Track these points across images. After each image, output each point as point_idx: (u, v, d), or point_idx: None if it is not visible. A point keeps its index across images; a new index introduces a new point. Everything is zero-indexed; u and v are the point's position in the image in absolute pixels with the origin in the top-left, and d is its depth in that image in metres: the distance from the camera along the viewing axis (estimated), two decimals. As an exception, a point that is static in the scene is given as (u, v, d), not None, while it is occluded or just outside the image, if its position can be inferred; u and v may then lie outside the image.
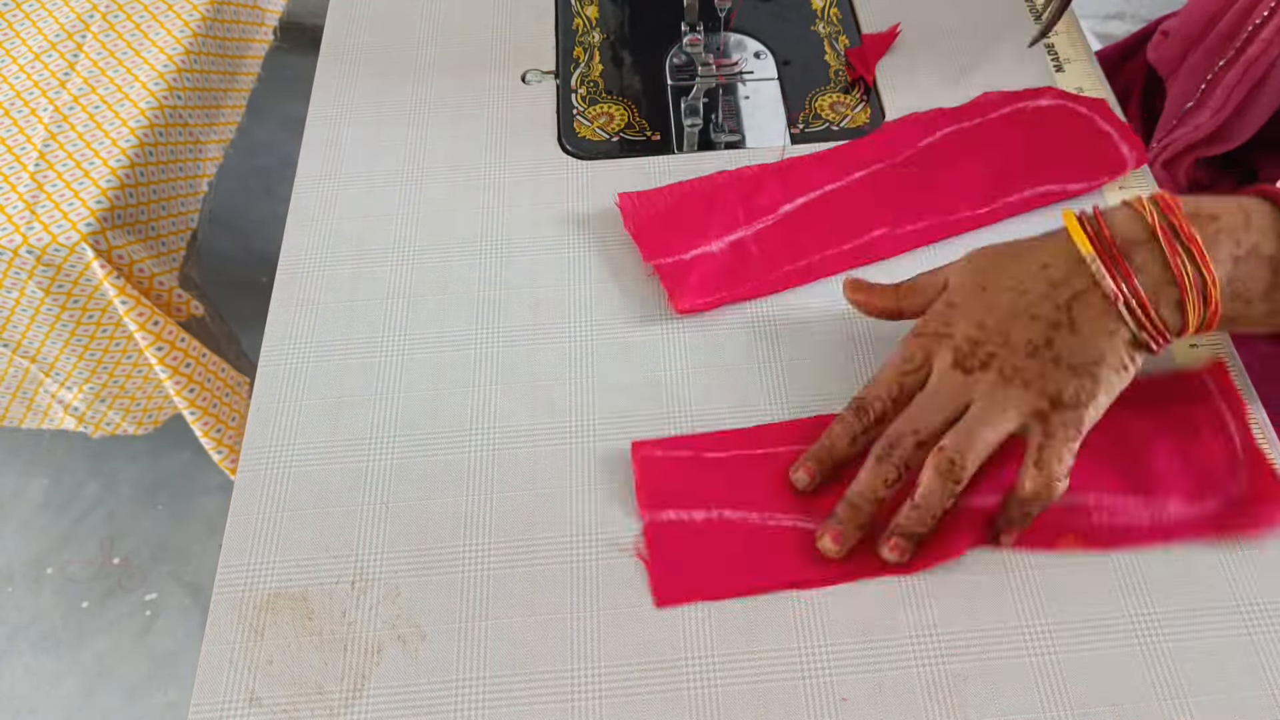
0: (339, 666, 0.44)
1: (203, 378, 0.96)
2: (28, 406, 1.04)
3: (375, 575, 0.47)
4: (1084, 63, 0.66)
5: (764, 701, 0.43)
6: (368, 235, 0.60)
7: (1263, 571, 0.45)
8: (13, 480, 1.35)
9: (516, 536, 0.48)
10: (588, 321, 0.55)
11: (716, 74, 0.68)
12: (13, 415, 1.05)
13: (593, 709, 0.43)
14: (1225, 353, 0.52)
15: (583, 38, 0.71)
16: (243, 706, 0.43)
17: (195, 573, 1.26)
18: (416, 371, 0.54)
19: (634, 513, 0.48)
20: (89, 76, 0.97)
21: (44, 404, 1.03)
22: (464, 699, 0.43)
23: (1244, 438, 0.48)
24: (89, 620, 1.23)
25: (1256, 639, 0.44)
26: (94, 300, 0.91)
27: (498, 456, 0.50)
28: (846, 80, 0.67)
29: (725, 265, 0.56)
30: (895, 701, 0.43)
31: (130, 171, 0.90)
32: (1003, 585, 0.45)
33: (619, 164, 0.63)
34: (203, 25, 1.03)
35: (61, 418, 1.04)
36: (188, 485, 1.33)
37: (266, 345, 0.55)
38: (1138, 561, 0.46)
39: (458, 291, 0.57)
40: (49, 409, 1.04)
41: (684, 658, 0.44)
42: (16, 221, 0.86)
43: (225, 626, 0.46)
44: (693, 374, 0.53)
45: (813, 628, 0.45)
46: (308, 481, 0.50)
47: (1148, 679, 0.43)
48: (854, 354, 0.53)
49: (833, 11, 0.72)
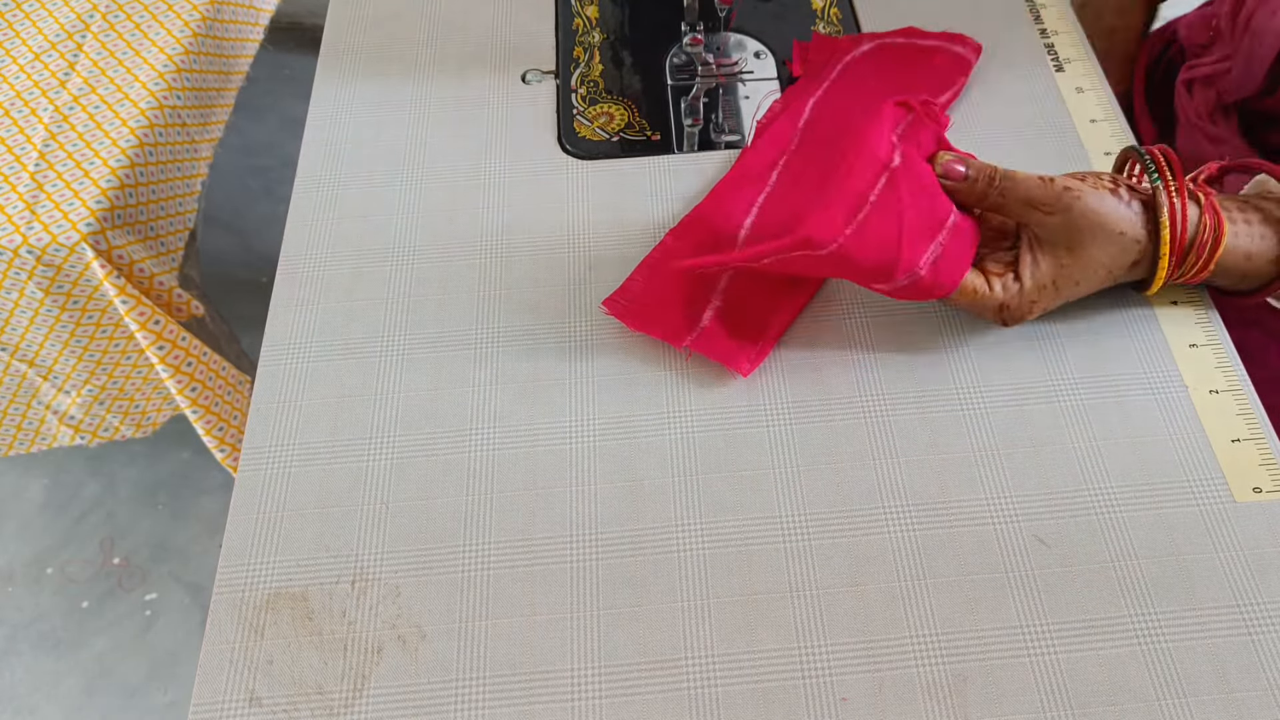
0: (339, 666, 0.44)
1: (204, 376, 0.96)
2: (19, 424, 1.03)
3: (375, 575, 0.47)
4: (1084, 62, 0.66)
5: (764, 701, 0.43)
6: (368, 235, 0.60)
7: (1263, 571, 0.45)
8: (13, 480, 1.35)
9: (516, 536, 0.48)
10: (587, 321, 0.55)
11: (716, 74, 0.68)
12: (4, 434, 1.03)
13: (593, 709, 0.43)
14: (1222, 344, 0.52)
15: (583, 38, 0.71)
16: (243, 706, 0.44)
17: (195, 573, 1.26)
18: (416, 371, 0.54)
19: (634, 513, 0.48)
20: (89, 76, 0.97)
21: (38, 417, 1.02)
22: (464, 699, 0.43)
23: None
24: (89, 620, 1.23)
25: (1256, 639, 0.44)
26: (94, 300, 0.91)
27: (498, 456, 0.50)
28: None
29: (739, 313, 0.55)
30: (895, 701, 0.43)
31: (130, 171, 0.90)
32: (1003, 585, 0.45)
33: (619, 164, 0.63)
34: (202, 25, 1.03)
35: (57, 431, 1.04)
36: (188, 485, 1.33)
37: (266, 345, 0.55)
38: (1138, 562, 0.46)
39: (458, 291, 0.57)
40: (43, 422, 1.03)
41: (684, 658, 0.44)
42: (16, 221, 0.86)
43: (225, 626, 0.46)
44: (693, 372, 0.53)
45: (813, 628, 0.45)
46: (308, 481, 0.50)
47: (1148, 679, 0.43)
48: (854, 355, 0.53)
49: (833, 11, 0.72)
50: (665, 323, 0.54)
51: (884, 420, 0.51)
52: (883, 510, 0.48)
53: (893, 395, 0.52)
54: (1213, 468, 0.49)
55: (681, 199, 0.61)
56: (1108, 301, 0.55)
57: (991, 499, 0.48)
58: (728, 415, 0.51)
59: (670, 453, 0.50)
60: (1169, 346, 0.53)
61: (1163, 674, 0.43)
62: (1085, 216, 0.49)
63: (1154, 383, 0.52)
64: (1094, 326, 0.54)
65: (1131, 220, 0.49)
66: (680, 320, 0.54)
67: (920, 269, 0.49)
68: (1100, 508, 0.48)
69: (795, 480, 0.49)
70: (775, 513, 0.48)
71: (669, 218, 0.60)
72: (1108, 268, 0.50)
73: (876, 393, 0.52)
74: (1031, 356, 0.53)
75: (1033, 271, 0.51)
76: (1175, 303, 0.55)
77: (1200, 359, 0.52)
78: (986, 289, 0.51)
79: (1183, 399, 0.51)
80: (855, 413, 0.51)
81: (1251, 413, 0.50)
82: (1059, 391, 0.52)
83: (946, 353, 0.53)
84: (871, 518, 0.48)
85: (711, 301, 0.55)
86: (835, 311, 0.55)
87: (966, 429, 0.50)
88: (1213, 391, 0.51)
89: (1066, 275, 0.50)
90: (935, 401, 0.52)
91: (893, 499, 0.48)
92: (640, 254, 0.58)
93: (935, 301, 0.53)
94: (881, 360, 0.53)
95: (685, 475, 0.49)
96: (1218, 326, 0.54)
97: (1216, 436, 0.50)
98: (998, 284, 0.51)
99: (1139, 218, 0.50)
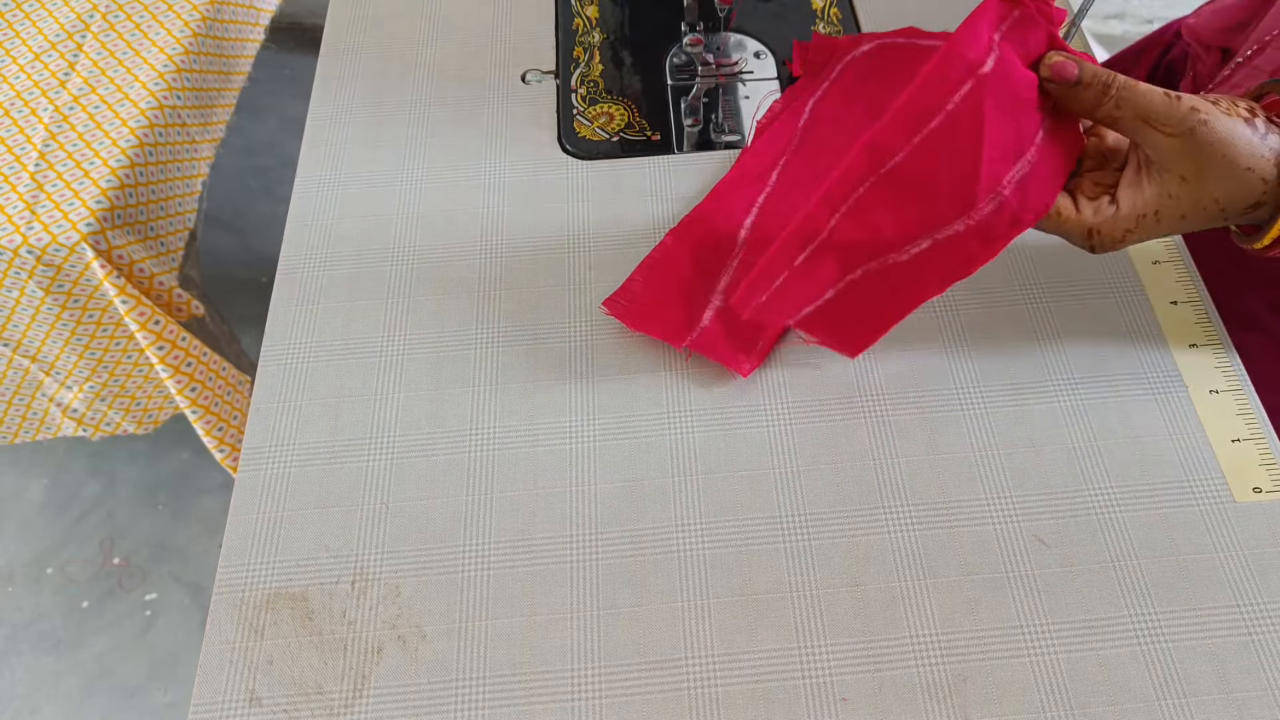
0: (339, 666, 0.44)
1: (204, 376, 0.96)
2: (24, 414, 1.04)
3: (375, 575, 0.47)
4: (1084, 63, 0.66)
5: (764, 701, 0.43)
6: (368, 235, 0.60)
7: (1263, 571, 0.45)
8: (13, 480, 1.35)
9: (516, 536, 0.48)
10: (587, 322, 0.55)
11: (716, 74, 0.68)
12: (9, 425, 1.04)
13: (593, 709, 0.43)
14: (1222, 345, 0.52)
15: (583, 38, 0.71)
16: (243, 706, 0.43)
17: (195, 573, 1.26)
18: (416, 371, 0.54)
19: (634, 513, 0.48)
20: (89, 76, 0.97)
21: (42, 409, 1.03)
22: (464, 699, 0.43)
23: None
24: (89, 620, 1.23)
25: (1256, 639, 0.44)
26: (94, 300, 0.91)
27: (498, 456, 0.50)
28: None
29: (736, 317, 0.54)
30: (895, 701, 0.43)
31: (130, 171, 0.90)
32: (1003, 585, 0.45)
33: (619, 164, 0.63)
34: (202, 25, 1.03)
35: (60, 423, 1.04)
36: (188, 485, 1.33)
37: (266, 345, 0.55)
38: (1138, 562, 0.46)
39: (458, 291, 0.57)
40: (47, 413, 1.04)
41: (684, 658, 0.44)
42: (16, 221, 0.86)
43: (225, 626, 0.46)
44: (693, 372, 0.53)
45: (813, 628, 0.45)
46: (308, 481, 0.50)
47: (1148, 679, 0.43)
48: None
49: (833, 11, 0.72)
50: (665, 323, 0.54)
51: (884, 420, 0.51)
52: (883, 510, 0.48)
53: (893, 395, 0.52)
54: (1213, 468, 0.49)
55: (681, 199, 0.61)
56: (1108, 301, 0.55)
57: (991, 499, 0.48)
58: (728, 415, 0.51)
59: (670, 453, 0.50)
60: (1169, 346, 0.53)
61: (1163, 674, 0.43)
62: (1210, 144, 0.43)
63: (1154, 383, 0.52)
64: (1094, 327, 0.54)
65: (1264, 157, 0.43)
66: (680, 320, 0.54)
67: (1004, 189, 0.44)
68: (1100, 508, 0.48)
69: (795, 480, 0.49)
70: (775, 513, 0.48)
71: (669, 218, 0.60)
72: (1222, 206, 0.44)
73: (876, 393, 0.52)
74: (1031, 356, 0.53)
75: (1134, 197, 0.45)
76: (1175, 303, 0.55)
77: (1200, 359, 0.52)
78: (1073, 211, 0.46)
79: (1183, 399, 0.51)
80: (855, 413, 0.51)
81: (1251, 413, 0.50)
82: (1059, 391, 0.52)
83: (946, 353, 0.53)
84: (871, 518, 0.48)
85: (711, 301, 0.55)
86: (835, 311, 0.55)
87: (966, 429, 0.50)
88: (1213, 391, 0.51)
89: (1172, 206, 0.45)
90: (935, 401, 0.52)
91: (893, 499, 0.48)
92: (640, 254, 0.58)
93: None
94: (881, 360, 0.53)
95: (685, 475, 0.49)
96: (1218, 326, 0.54)
97: (1216, 436, 0.50)
98: (1088, 207, 0.46)
99: (1273, 155, 0.43)
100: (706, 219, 0.59)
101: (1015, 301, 0.55)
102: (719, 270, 0.56)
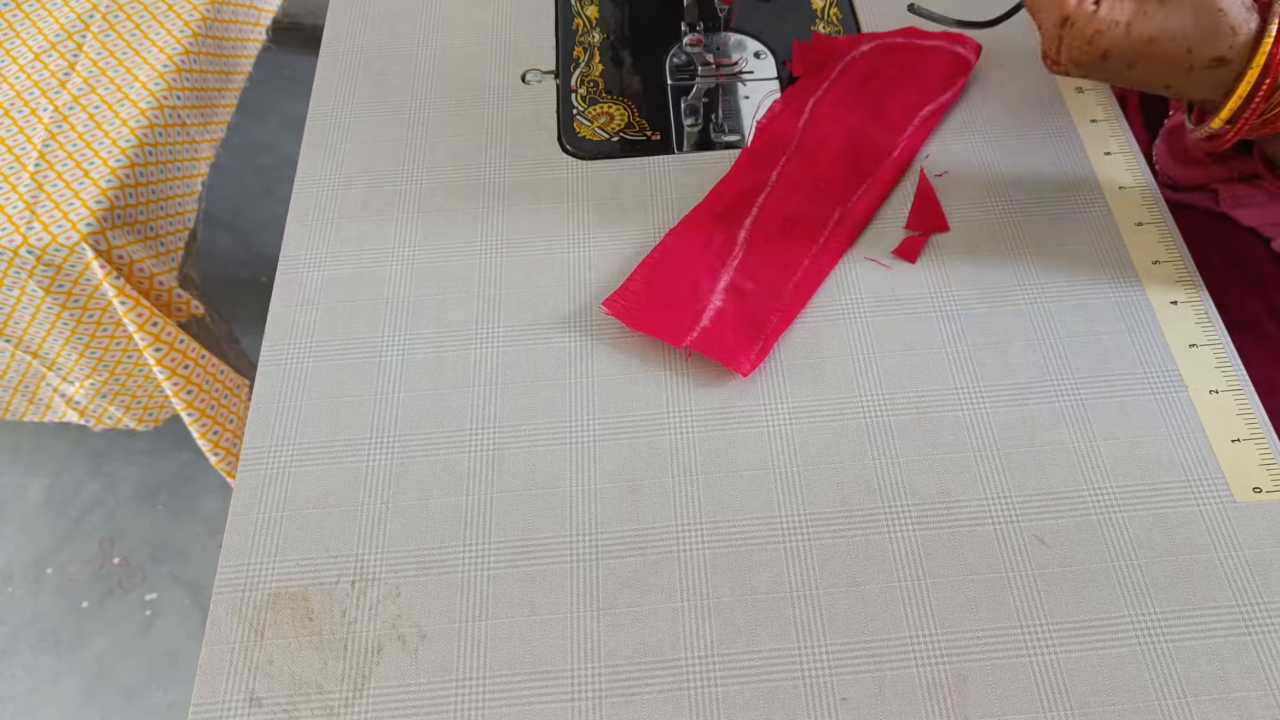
0: (339, 666, 0.44)
1: (201, 379, 0.96)
2: (30, 400, 1.04)
3: (375, 575, 0.47)
4: (1084, 63, 0.66)
5: (764, 701, 0.43)
6: (368, 235, 0.60)
7: (1263, 571, 0.45)
8: (13, 480, 1.35)
9: (516, 536, 0.48)
10: (588, 321, 0.55)
11: (716, 74, 0.68)
12: (15, 409, 1.05)
13: (593, 709, 0.43)
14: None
15: (583, 38, 0.71)
16: (243, 706, 0.44)
17: (195, 573, 1.26)
18: (416, 371, 0.54)
19: (634, 513, 0.48)
20: (89, 76, 0.97)
21: (46, 396, 1.03)
22: (464, 699, 0.43)
23: None
24: (89, 620, 1.23)
25: (1256, 639, 0.44)
26: (94, 300, 0.91)
27: (498, 456, 0.50)
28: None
29: (739, 313, 0.55)
30: (895, 701, 0.43)
31: (130, 171, 0.90)
32: (1003, 585, 0.45)
33: (619, 164, 0.63)
34: (202, 25, 1.03)
35: (64, 410, 1.04)
36: (188, 485, 1.33)
37: (266, 345, 0.55)
38: (1138, 562, 0.46)
39: (458, 291, 0.57)
40: (51, 401, 1.04)
41: (684, 658, 0.44)
42: (16, 221, 0.86)
43: (225, 626, 0.46)
44: (693, 372, 0.53)
45: (813, 628, 0.45)
46: (308, 481, 0.50)
47: (1148, 679, 0.43)
48: (854, 355, 0.53)
49: (833, 11, 0.72)
50: (665, 323, 0.54)
51: (884, 420, 0.51)
52: (883, 510, 0.48)
53: (893, 395, 0.52)
54: (1213, 468, 0.49)
55: (681, 199, 0.61)
56: (1108, 300, 0.55)
57: (991, 499, 0.48)
58: (728, 415, 0.51)
59: (670, 453, 0.50)
60: (1169, 346, 0.53)
61: (1163, 674, 0.43)
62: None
63: (1154, 383, 0.52)
64: (1094, 327, 0.54)
65: (1239, 6, 0.44)
66: (680, 320, 0.54)
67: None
68: (1100, 508, 0.48)
69: (795, 480, 0.49)
70: (775, 513, 0.48)
71: (669, 218, 0.60)
72: (1189, 45, 0.45)
73: (876, 393, 0.52)
74: (1031, 356, 0.53)
75: (1114, 3, 0.45)
76: (1175, 302, 0.55)
77: (1200, 359, 0.52)
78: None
79: (1183, 399, 0.51)
80: (855, 413, 0.51)
81: (1251, 413, 0.50)
82: (1059, 391, 0.52)
83: (946, 353, 0.53)
84: (871, 518, 0.48)
85: (711, 301, 0.55)
86: (835, 311, 0.55)
87: (966, 429, 0.50)
88: (1213, 391, 0.51)
89: (1147, 23, 0.45)
90: (935, 401, 0.52)
91: (893, 499, 0.48)
92: (640, 254, 0.58)
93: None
94: (881, 360, 0.53)
95: (685, 475, 0.49)
96: (1218, 326, 0.54)
97: (1216, 436, 0.50)
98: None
99: (1248, 13, 0.44)
100: (706, 219, 0.59)
101: (1016, 302, 0.55)
102: (719, 270, 0.56)
